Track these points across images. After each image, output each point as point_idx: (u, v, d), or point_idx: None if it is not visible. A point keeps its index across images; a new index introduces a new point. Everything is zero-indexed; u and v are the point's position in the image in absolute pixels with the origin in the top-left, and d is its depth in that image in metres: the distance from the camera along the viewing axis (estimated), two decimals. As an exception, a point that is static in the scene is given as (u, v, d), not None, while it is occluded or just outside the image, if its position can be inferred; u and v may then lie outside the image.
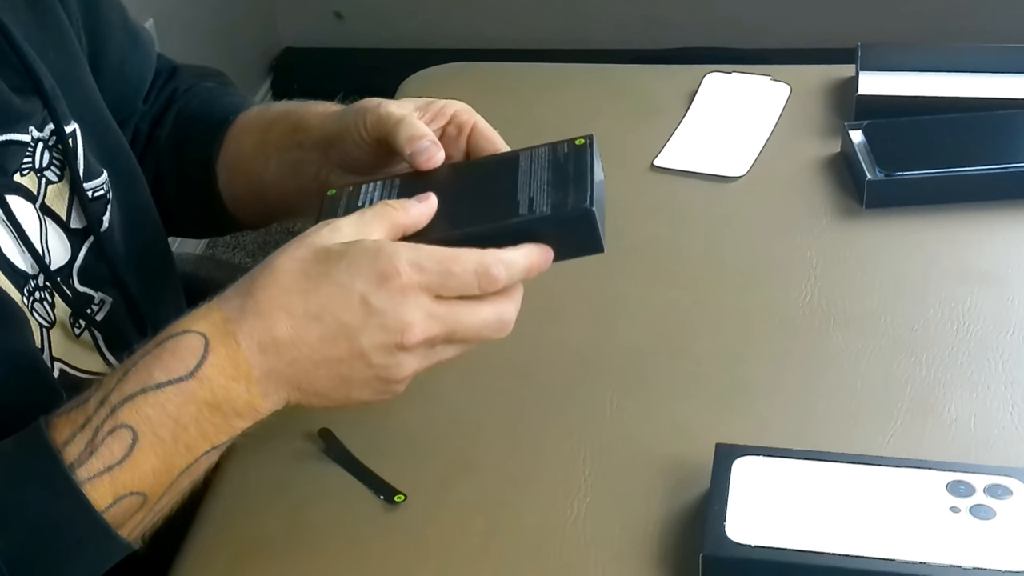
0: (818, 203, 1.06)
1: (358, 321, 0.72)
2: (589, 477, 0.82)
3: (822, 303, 0.96)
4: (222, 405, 0.72)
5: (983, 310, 0.94)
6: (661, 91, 1.24)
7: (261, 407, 0.73)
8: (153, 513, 0.73)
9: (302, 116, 0.93)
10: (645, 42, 2.65)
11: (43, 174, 0.84)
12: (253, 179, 0.96)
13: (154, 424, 0.70)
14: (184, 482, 0.73)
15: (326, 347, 0.72)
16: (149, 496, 0.71)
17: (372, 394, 0.75)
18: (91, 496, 0.69)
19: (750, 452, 0.78)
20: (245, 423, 0.73)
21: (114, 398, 0.70)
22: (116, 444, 0.70)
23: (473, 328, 0.75)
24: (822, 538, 0.73)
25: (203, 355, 0.71)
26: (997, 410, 0.85)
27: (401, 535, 0.80)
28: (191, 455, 0.72)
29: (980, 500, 0.74)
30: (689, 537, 0.77)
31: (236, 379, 0.72)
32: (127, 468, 0.70)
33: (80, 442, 0.69)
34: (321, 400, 0.75)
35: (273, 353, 0.72)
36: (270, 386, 0.73)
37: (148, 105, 1.03)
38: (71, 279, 0.86)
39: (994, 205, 1.04)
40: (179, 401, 0.71)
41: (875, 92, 1.16)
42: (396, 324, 0.72)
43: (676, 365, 0.91)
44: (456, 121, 0.87)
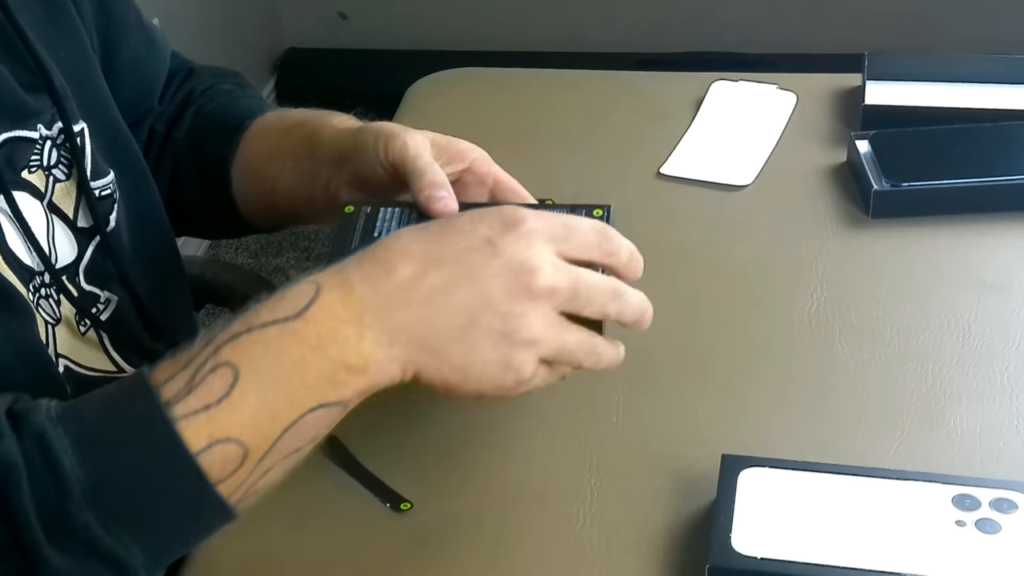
0: (824, 212, 1.06)
1: (483, 260, 0.69)
2: (595, 486, 0.82)
3: (828, 312, 0.96)
4: (328, 350, 0.67)
5: (989, 320, 0.94)
6: (668, 98, 1.24)
7: (372, 359, 0.68)
8: (255, 477, 0.67)
9: (318, 126, 0.93)
10: (651, 46, 2.66)
11: (51, 172, 0.85)
12: (266, 184, 0.96)
13: (256, 363, 0.66)
14: (289, 444, 0.67)
15: (448, 290, 0.69)
16: (250, 449, 0.66)
17: (493, 364, 0.69)
18: (185, 435, 0.64)
19: (756, 463, 0.78)
20: (356, 381, 0.68)
21: (220, 338, 0.67)
22: (216, 382, 0.65)
23: (591, 285, 0.71)
24: (827, 551, 0.73)
25: (313, 298, 0.68)
26: (1003, 422, 0.85)
27: (407, 543, 0.80)
28: (296, 407, 0.67)
29: (986, 514, 0.74)
30: (695, 547, 0.77)
31: (346, 321, 0.67)
32: (226, 409, 0.65)
33: (180, 380, 0.66)
34: (440, 363, 0.69)
35: (390, 295, 0.68)
36: (384, 335, 0.68)
37: (164, 105, 1.03)
38: (77, 277, 0.86)
39: (1000, 216, 1.04)
40: (284, 341, 0.67)
41: (881, 102, 1.16)
42: (523, 265, 0.69)
43: (682, 373, 0.91)
44: (475, 170, 0.87)
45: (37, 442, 0.64)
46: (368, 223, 0.82)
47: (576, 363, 0.74)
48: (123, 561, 0.65)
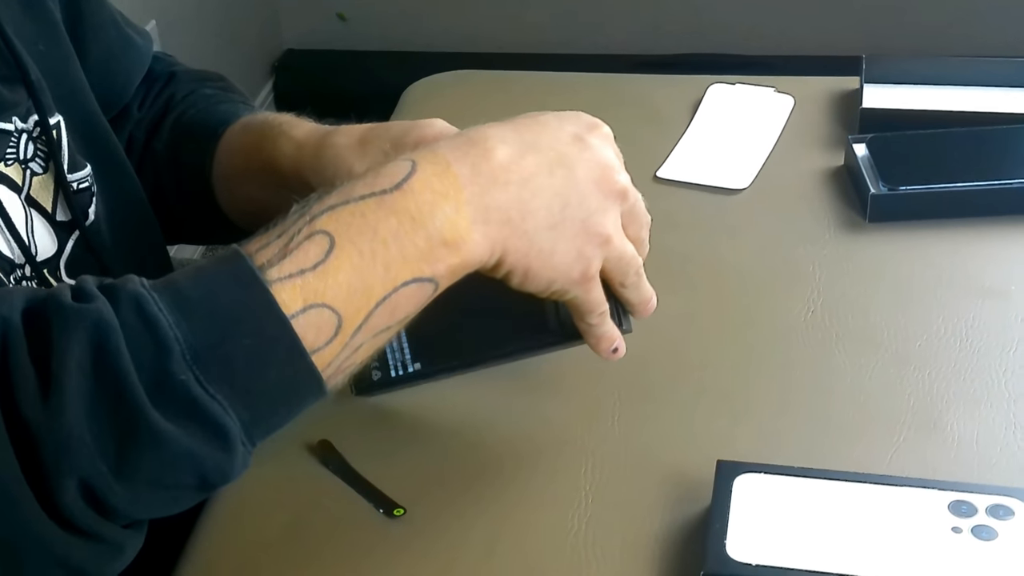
0: (821, 216, 1.06)
1: (575, 152, 0.73)
2: (590, 491, 0.82)
3: (825, 317, 0.95)
4: (426, 222, 0.68)
5: (987, 326, 0.94)
6: (664, 101, 1.23)
7: (469, 237, 0.69)
8: (347, 352, 0.67)
9: (272, 154, 0.91)
10: (648, 48, 2.65)
11: (27, 165, 0.84)
12: (252, 200, 0.95)
13: (352, 232, 0.66)
14: (381, 320, 0.68)
15: (543, 174, 0.72)
16: (344, 318, 0.66)
17: (571, 252, 0.73)
18: (280, 297, 0.64)
19: (752, 469, 0.78)
20: (449, 256, 0.69)
21: (315, 209, 0.67)
22: (312, 248, 0.66)
23: (640, 207, 0.78)
24: (823, 557, 0.72)
25: (410, 172, 0.69)
26: (1000, 428, 0.85)
27: (400, 549, 0.79)
28: (390, 279, 0.67)
29: (982, 520, 0.74)
30: (690, 554, 0.76)
31: (444, 195, 0.68)
32: (320, 275, 0.65)
33: (275, 247, 0.66)
34: (528, 247, 0.71)
35: (488, 175, 0.70)
36: (480, 212, 0.69)
37: (144, 111, 1.02)
38: (58, 271, 0.85)
39: (999, 220, 1.03)
40: (381, 212, 0.67)
41: (879, 105, 1.15)
42: (607, 161, 0.75)
43: (678, 378, 0.91)
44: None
45: (134, 304, 0.63)
46: None
47: (623, 277, 0.78)
48: (223, 424, 0.63)
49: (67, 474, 0.61)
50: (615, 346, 0.80)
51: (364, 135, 0.88)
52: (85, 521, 0.63)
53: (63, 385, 0.61)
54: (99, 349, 0.62)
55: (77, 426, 0.61)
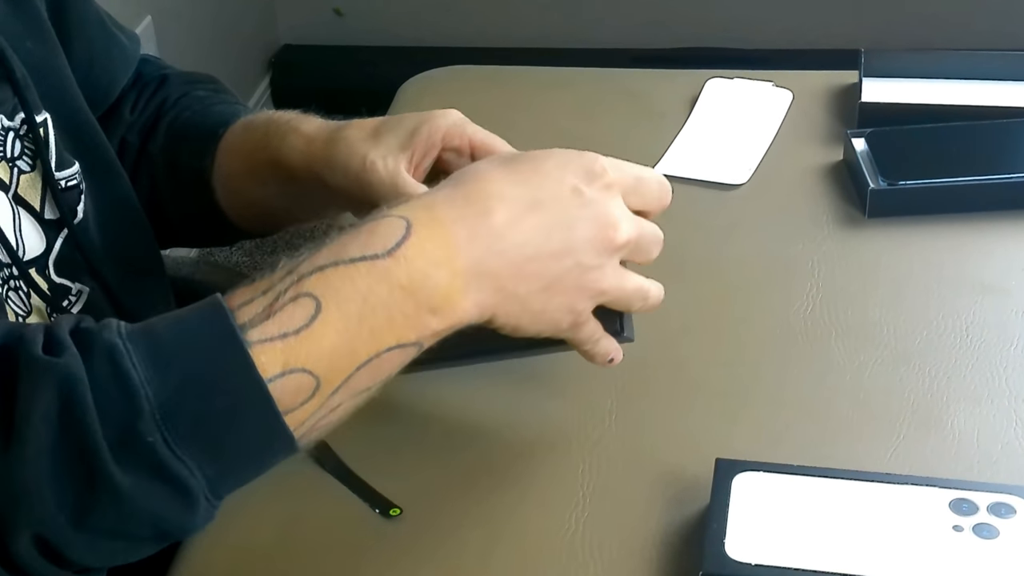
0: (820, 212, 1.05)
1: (572, 211, 0.72)
2: (588, 491, 0.81)
3: (824, 313, 0.95)
4: (417, 292, 0.67)
5: (987, 322, 0.93)
6: (662, 96, 1.23)
7: (459, 305, 0.68)
8: (324, 412, 0.66)
9: (279, 151, 0.91)
10: (646, 42, 2.65)
11: (15, 163, 0.83)
12: (255, 200, 0.95)
13: (340, 298, 0.65)
14: (362, 382, 0.67)
15: (541, 238, 0.71)
16: (323, 382, 0.65)
17: (563, 309, 0.73)
18: (259, 359, 0.63)
19: (750, 468, 0.77)
20: (437, 323, 0.68)
21: (303, 268, 0.66)
22: (297, 312, 0.64)
23: (648, 239, 0.76)
24: (823, 556, 0.72)
25: (404, 235, 0.67)
26: (1001, 425, 0.84)
27: (396, 549, 0.79)
28: (375, 345, 0.66)
29: (983, 519, 0.73)
30: (688, 554, 0.76)
31: (438, 265, 0.68)
32: (304, 339, 0.64)
33: (258, 305, 0.65)
34: (520, 310, 0.71)
35: (484, 240, 0.69)
36: (473, 281, 0.69)
37: (136, 115, 1.01)
38: (47, 270, 0.85)
39: (999, 215, 1.02)
40: (372, 279, 0.66)
41: (878, 99, 1.14)
42: (606, 219, 0.73)
43: (676, 376, 0.90)
44: (450, 146, 0.87)
45: (107, 356, 0.62)
46: None
47: (628, 308, 0.78)
48: (187, 484, 0.63)
49: (22, 526, 0.61)
50: (611, 357, 0.80)
51: (377, 127, 0.88)
52: (38, 570, 0.63)
53: (24, 437, 0.61)
54: (66, 403, 0.61)
55: (35, 480, 0.61)
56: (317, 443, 0.84)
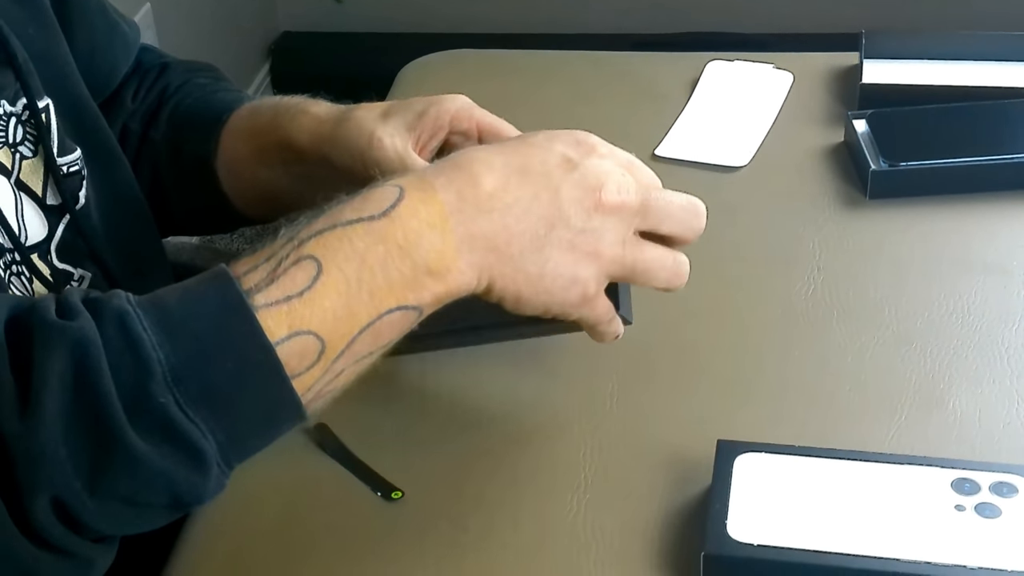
0: (821, 194, 1.05)
1: (559, 175, 0.72)
2: (589, 472, 0.81)
3: (825, 295, 0.95)
4: (412, 251, 0.68)
5: (989, 302, 0.93)
6: (663, 79, 1.22)
7: (454, 265, 0.69)
8: (328, 377, 0.67)
9: (289, 131, 0.91)
10: (646, 27, 2.64)
11: (17, 149, 0.83)
12: (260, 184, 0.95)
13: (339, 259, 0.67)
14: (363, 346, 0.68)
15: (528, 199, 0.71)
16: (327, 344, 0.66)
17: (563, 277, 0.73)
18: (266, 324, 0.64)
19: (752, 449, 0.77)
20: (435, 285, 0.69)
21: (303, 234, 0.68)
22: (299, 274, 0.66)
23: (665, 201, 0.76)
24: (825, 537, 0.72)
25: (398, 198, 0.69)
26: (1003, 405, 0.84)
27: (398, 531, 0.79)
28: (375, 306, 0.67)
29: (985, 498, 0.73)
30: (690, 535, 0.76)
31: (431, 225, 0.69)
32: (307, 301, 0.65)
33: (262, 271, 0.66)
34: (515, 272, 0.71)
35: (472, 202, 0.70)
36: (466, 241, 0.70)
37: (137, 103, 1.01)
38: (49, 255, 0.85)
39: (1000, 196, 1.02)
40: (369, 239, 0.68)
41: (879, 81, 1.14)
42: (595, 181, 0.73)
43: (677, 358, 0.90)
44: (457, 129, 0.88)
45: (118, 322, 0.63)
46: None
47: (651, 281, 0.77)
48: (199, 446, 0.63)
49: (40, 490, 0.61)
50: (616, 335, 0.80)
51: (386, 109, 0.89)
52: (56, 536, 0.63)
53: (42, 401, 0.61)
54: (80, 366, 0.62)
55: (52, 442, 0.61)
56: (319, 426, 0.84)
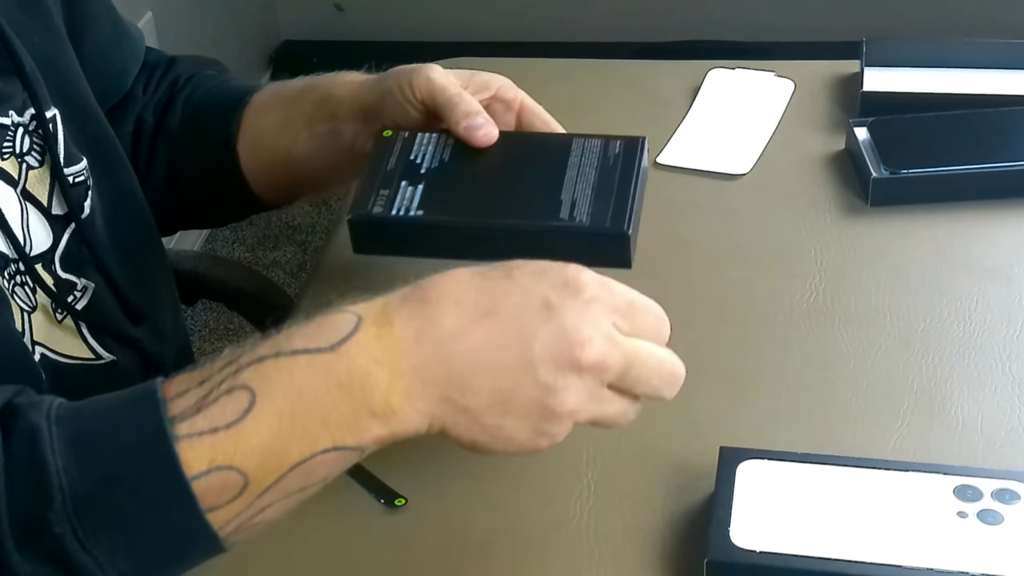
0: (823, 201, 1.05)
1: (535, 323, 0.64)
2: (593, 480, 0.81)
3: (827, 301, 0.95)
4: (356, 391, 0.63)
5: (990, 309, 0.93)
6: (664, 86, 1.22)
7: (400, 409, 0.64)
8: (252, 511, 0.64)
9: (328, 88, 0.94)
10: (647, 35, 2.65)
11: (24, 159, 0.84)
12: (279, 155, 0.95)
13: (275, 392, 0.62)
14: (293, 483, 0.64)
15: (493, 348, 0.64)
16: (251, 481, 0.62)
17: (527, 429, 0.66)
18: (185, 455, 0.61)
19: (755, 456, 0.77)
20: (378, 428, 0.64)
21: (244, 359, 0.64)
22: (230, 404, 0.62)
23: (648, 367, 0.67)
24: (828, 543, 0.72)
25: (352, 331, 0.64)
26: (1004, 411, 0.84)
27: (402, 538, 0.79)
28: (308, 445, 0.63)
29: (988, 505, 0.73)
30: (693, 541, 0.76)
31: (380, 363, 0.63)
32: (234, 435, 0.61)
33: (192, 396, 0.62)
34: (471, 424, 0.65)
35: (430, 343, 0.64)
36: (416, 385, 0.64)
37: (149, 95, 1.02)
38: (53, 265, 0.85)
39: (1001, 203, 1.03)
40: (310, 373, 0.63)
41: (880, 88, 1.14)
42: (575, 335, 0.64)
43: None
44: (501, 97, 0.90)
45: (28, 440, 0.62)
46: (405, 146, 0.86)
47: (610, 426, 0.70)
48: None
49: None
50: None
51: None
52: None
53: None
54: None
55: None
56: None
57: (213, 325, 2.25)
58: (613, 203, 0.82)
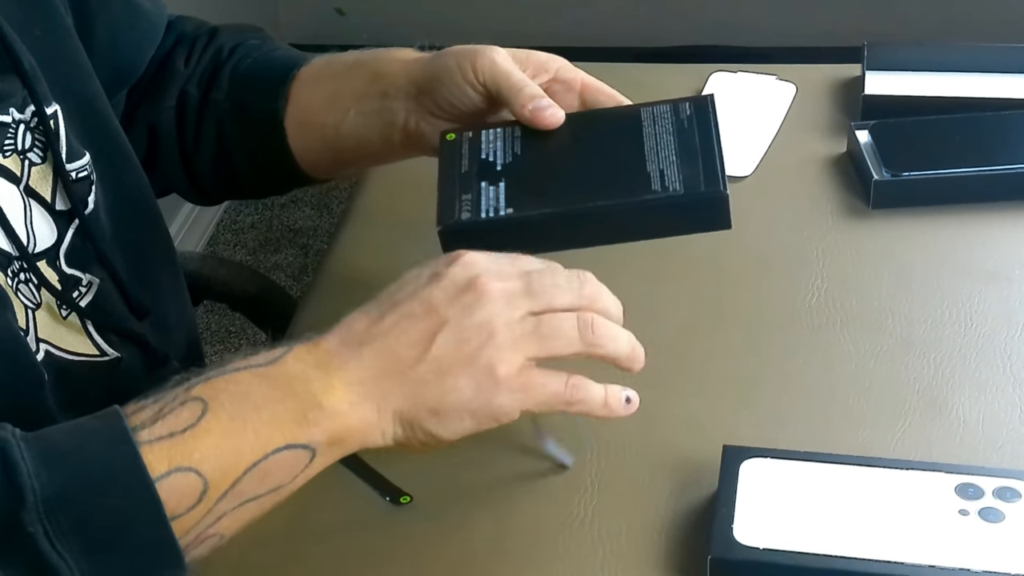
0: (825, 203, 1.06)
1: (430, 288, 0.71)
2: (596, 478, 0.82)
3: (829, 303, 0.95)
4: (297, 389, 0.68)
5: (991, 310, 0.94)
6: (666, 89, 1.21)
7: (345, 397, 0.69)
8: (210, 520, 0.67)
9: (378, 64, 0.92)
10: (649, 40, 2.65)
11: (26, 156, 0.84)
12: (328, 131, 0.94)
13: (224, 398, 0.67)
14: (250, 487, 0.67)
15: (403, 322, 0.70)
16: (210, 484, 0.66)
17: (470, 383, 0.70)
18: (147, 458, 0.64)
19: (758, 454, 0.78)
20: (325, 420, 0.68)
21: (193, 380, 0.69)
22: (185, 413, 0.67)
23: (549, 278, 0.73)
24: (830, 541, 0.72)
25: (285, 352, 0.70)
26: (1005, 411, 0.85)
27: (407, 536, 0.79)
28: (260, 445, 0.67)
29: (989, 503, 0.74)
30: (697, 538, 0.76)
31: (315, 366, 0.69)
32: (190, 437, 0.66)
33: (149, 411, 0.67)
34: (415, 389, 0.70)
35: (353, 342, 0.70)
36: (353, 375, 0.69)
37: (192, 67, 1.00)
38: (58, 260, 0.85)
39: (1001, 205, 1.03)
40: (253, 381, 0.68)
41: (881, 92, 1.15)
42: (464, 279, 0.71)
43: (683, 364, 0.91)
44: (560, 78, 0.88)
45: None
46: (473, 146, 0.84)
47: (564, 347, 0.73)
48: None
49: None
50: (625, 396, 0.75)
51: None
52: None
53: None
54: None
55: None
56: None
57: (215, 327, 2.26)
58: (702, 165, 0.79)
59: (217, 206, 2.56)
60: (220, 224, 2.56)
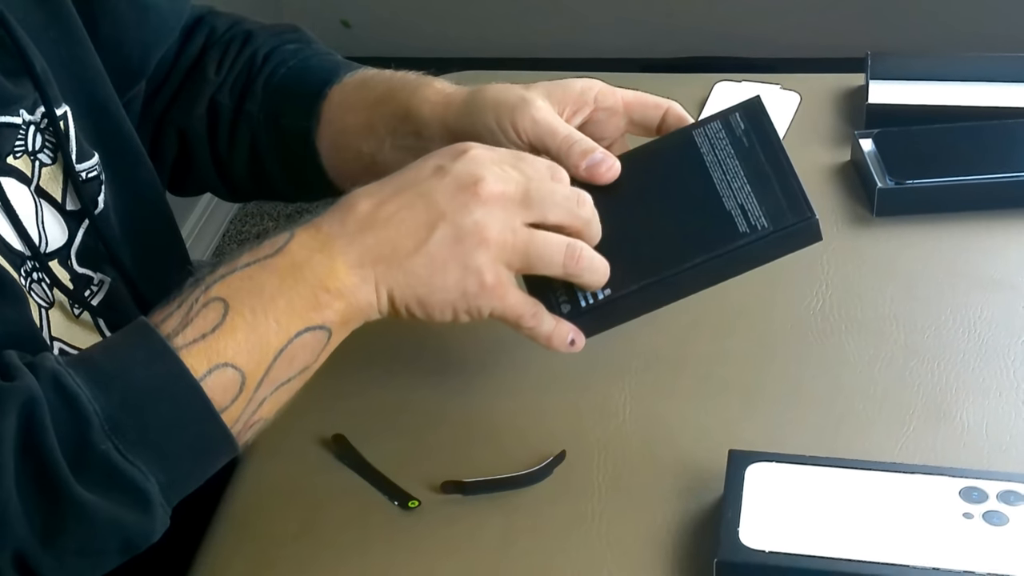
0: (829, 211, 1.06)
1: (434, 183, 0.76)
2: (603, 482, 0.83)
3: (834, 310, 0.96)
4: (305, 275, 0.73)
5: (995, 317, 0.94)
6: (672, 99, 1.23)
7: (348, 279, 0.74)
8: (252, 407, 0.72)
9: (411, 101, 0.91)
10: (654, 51, 2.66)
11: (36, 157, 0.85)
12: (364, 157, 0.94)
13: (242, 295, 0.72)
14: (281, 371, 0.73)
15: (404, 211, 0.75)
16: (246, 374, 0.71)
17: (456, 266, 0.75)
18: (187, 362, 0.70)
19: (763, 458, 0.79)
20: (334, 301, 0.74)
21: (208, 279, 0.73)
22: (210, 314, 0.71)
23: (550, 191, 0.78)
24: (835, 544, 0.73)
25: (288, 240, 0.75)
26: (1009, 416, 0.86)
27: (415, 540, 0.80)
28: (283, 332, 0.72)
29: (993, 506, 0.74)
30: (703, 542, 0.77)
31: (318, 251, 0.74)
32: (220, 336, 0.71)
33: (176, 317, 0.71)
34: (406, 277, 0.75)
35: (353, 224, 0.75)
36: (353, 257, 0.74)
37: (223, 75, 1.00)
38: (70, 260, 0.86)
39: (1005, 213, 1.04)
40: (265, 274, 0.73)
41: (885, 101, 1.16)
42: (469, 177, 0.76)
43: (689, 370, 0.91)
44: (602, 105, 0.88)
45: (53, 382, 0.67)
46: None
47: (549, 266, 0.78)
48: (143, 488, 0.68)
49: (3, 546, 0.65)
50: (570, 338, 0.81)
51: (526, 86, 0.89)
52: None
53: (1, 460, 0.65)
54: (28, 425, 0.66)
55: (10, 500, 0.65)
56: (336, 437, 0.86)
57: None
58: (779, 190, 0.77)
59: (223, 217, 2.58)
60: (226, 235, 2.57)
